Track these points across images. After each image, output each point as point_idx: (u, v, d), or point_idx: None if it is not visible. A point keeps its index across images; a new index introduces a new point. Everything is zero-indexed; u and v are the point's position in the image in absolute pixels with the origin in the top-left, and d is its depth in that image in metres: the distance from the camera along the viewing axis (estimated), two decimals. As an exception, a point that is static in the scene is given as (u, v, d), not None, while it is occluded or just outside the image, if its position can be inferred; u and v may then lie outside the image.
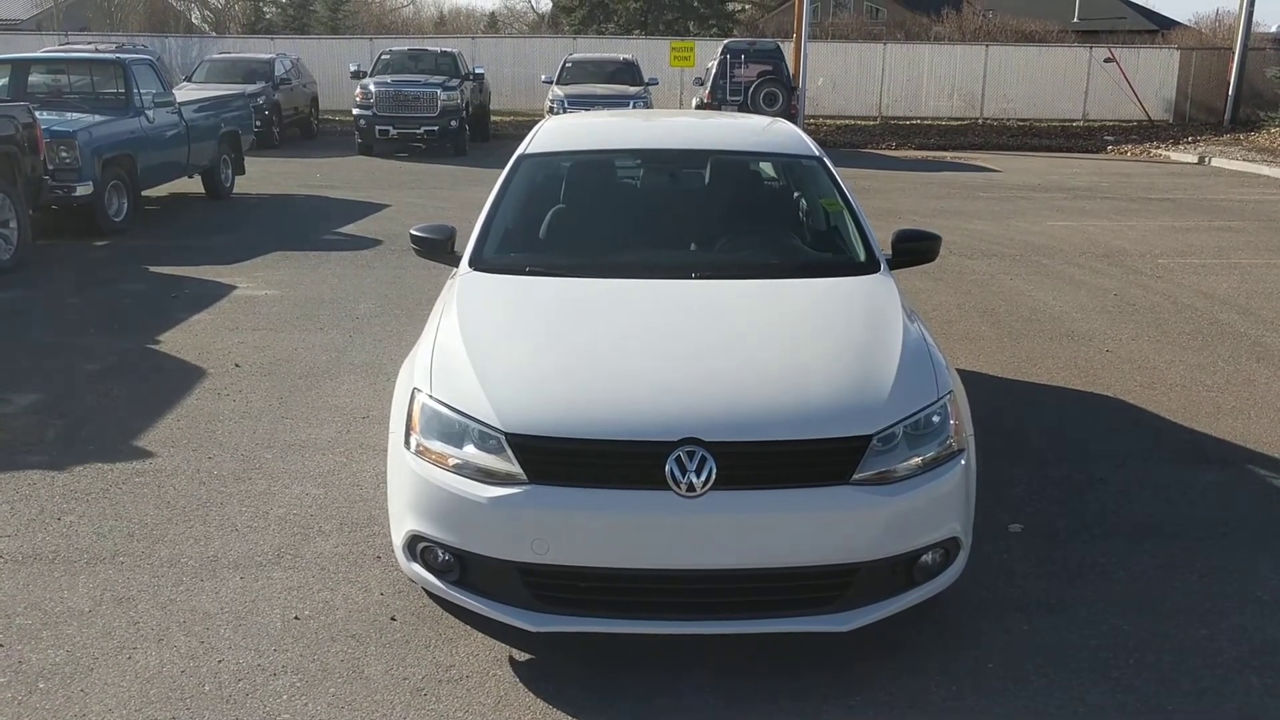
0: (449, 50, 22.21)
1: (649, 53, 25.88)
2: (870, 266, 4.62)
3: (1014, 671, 3.60)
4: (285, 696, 3.43)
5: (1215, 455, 5.56)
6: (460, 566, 3.47)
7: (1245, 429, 5.91)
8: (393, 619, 3.88)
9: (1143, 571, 4.30)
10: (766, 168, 5.79)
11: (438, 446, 3.49)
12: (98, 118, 11.17)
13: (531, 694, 3.45)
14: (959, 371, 4.21)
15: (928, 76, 27.87)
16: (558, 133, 5.63)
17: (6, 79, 11.98)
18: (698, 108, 21.51)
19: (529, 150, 5.26)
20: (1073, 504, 4.92)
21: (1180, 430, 5.92)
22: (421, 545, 3.52)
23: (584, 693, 3.45)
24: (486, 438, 3.40)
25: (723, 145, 5.64)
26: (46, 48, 21.04)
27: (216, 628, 3.81)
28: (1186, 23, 46.06)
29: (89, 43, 22.08)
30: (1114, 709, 3.41)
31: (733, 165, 5.56)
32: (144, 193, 12.22)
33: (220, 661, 3.61)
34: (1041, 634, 3.83)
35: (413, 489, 3.51)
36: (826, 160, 5.26)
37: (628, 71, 21.53)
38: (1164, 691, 3.50)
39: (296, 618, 3.88)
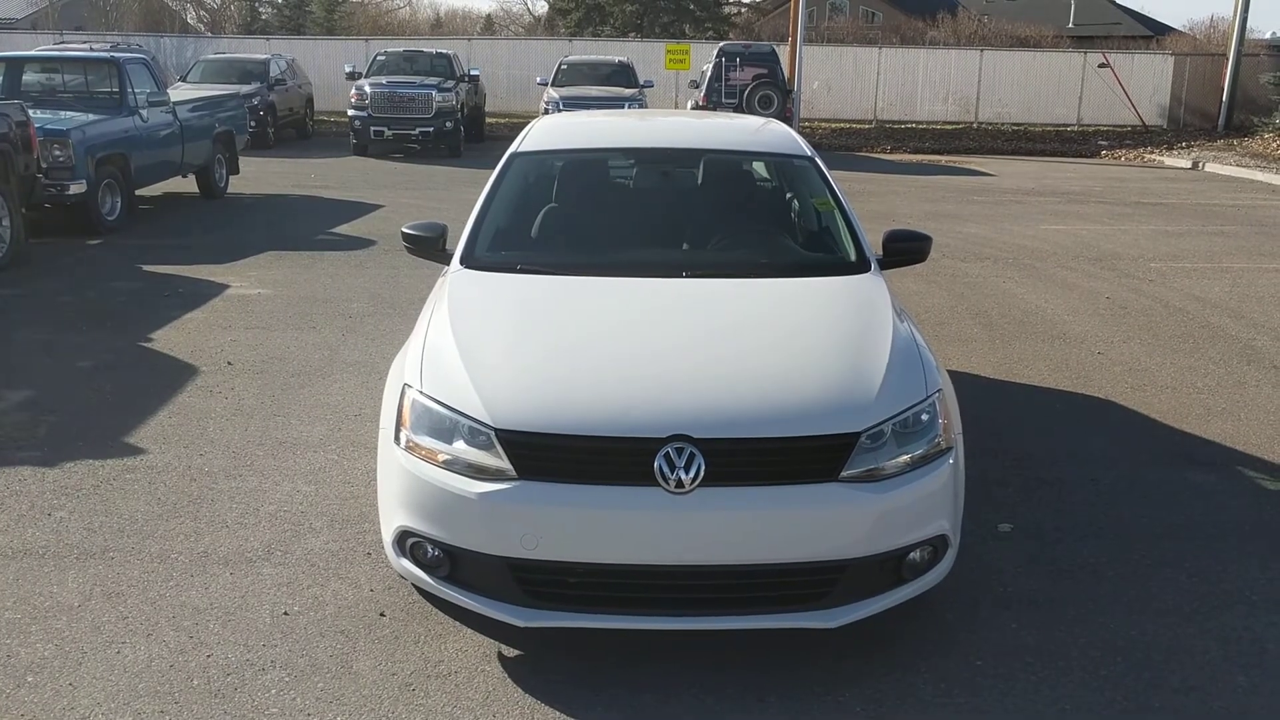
0: (444, 52, 22.22)
1: (644, 55, 25.90)
2: (861, 266, 4.63)
3: (1003, 669, 3.61)
4: (274, 691, 3.43)
5: (1205, 457, 5.58)
6: (450, 562, 3.48)
7: (1235, 431, 5.93)
8: (382, 615, 3.88)
9: (1132, 571, 4.31)
10: (759, 167, 5.81)
11: (428, 442, 3.50)
12: (92, 117, 11.15)
13: (520, 689, 3.46)
14: (950, 372, 4.21)
15: (923, 80, 27.92)
16: (550, 131, 5.64)
17: (1, 77, 11.96)
18: (693, 110, 21.53)
19: (521, 149, 5.26)
20: (1062, 504, 4.93)
21: (1171, 432, 5.94)
22: (411, 541, 3.53)
23: (573, 688, 3.46)
24: (476, 433, 3.41)
25: (715, 145, 5.65)
26: (41, 46, 21.02)
27: (206, 623, 3.81)
28: (1181, 28, 46.25)
29: (84, 42, 22.03)
30: (1102, 706, 3.42)
31: (725, 164, 5.57)
32: (138, 192, 12.21)
33: (209, 656, 3.61)
34: (1030, 632, 3.84)
35: (403, 485, 3.51)
36: (818, 160, 5.27)
37: (623, 74, 21.54)
38: (1152, 689, 3.51)
39: (286, 613, 3.89)
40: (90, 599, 3.95)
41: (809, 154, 5.31)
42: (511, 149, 5.27)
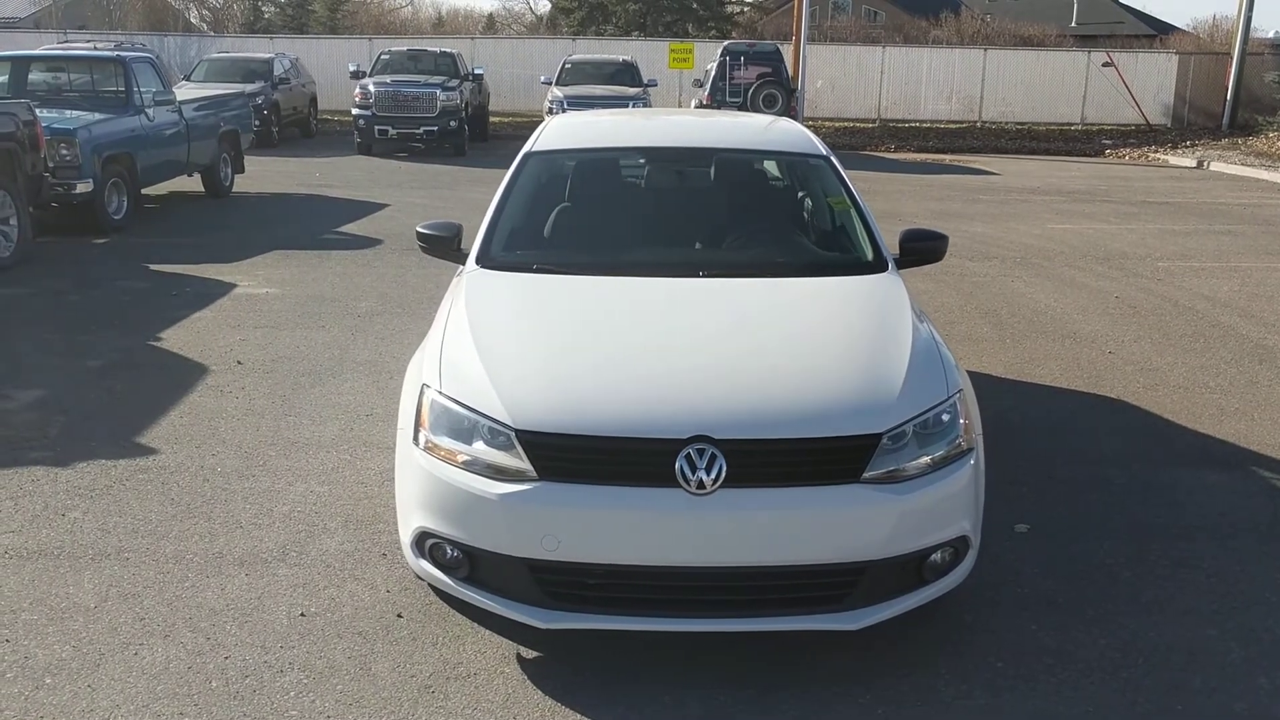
0: (448, 51, 22.18)
1: (648, 54, 25.88)
2: (878, 265, 4.62)
3: (1023, 670, 3.59)
4: (293, 693, 3.42)
5: (1220, 457, 5.56)
6: (469, 563, 3.46)
7: (1249, 431, 5.92)
8: (399, 616, 3.87)
9: (1149, 572, 4.30)
10: (772, 166, 5.79)
11: (447, 443, 3.48)
12: (98, 115, 11.14)
13: (540, 691, 3.44)
14: (965, 371, 4.20)
15: (926, 79, 27.89)
16: (564, 130, 5.62)
17: (7, 76, 11.95)
18: (697, 109, 21.50)
19: (535, 148, 5.24)
20: (1078, 505, 4.92)
21: (1184, 432, 5.92)
22: (430, 542, 3.51)
23: (593, 690, 3.45)
24: (496, 434, 3.39)
25: (729, 144, 5.63)
26: (45, 46, 21.00)
27: (223, 624, 3.80)
28: (1184, 27, 46.18)
29: (88, 41, 22.02)
30: (1123, 708, 3.41)
31: (739, 163, 5.55)
32: (144, 191, 12.21)
33: (227, 658, 3.60)
34: (1050, 633, 3.82)
35: (422, 485, 3.49)
36: (834, 159, 5.25)
37: (627, 73, 21.54)
38: (1173, 691, 3.50)
39: (303, 615, 3.87)
40: (106, 600, 3.94)
41: (824, 152, 5.29)
42: (526, 148, 5.25)
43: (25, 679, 3.46)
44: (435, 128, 19.33)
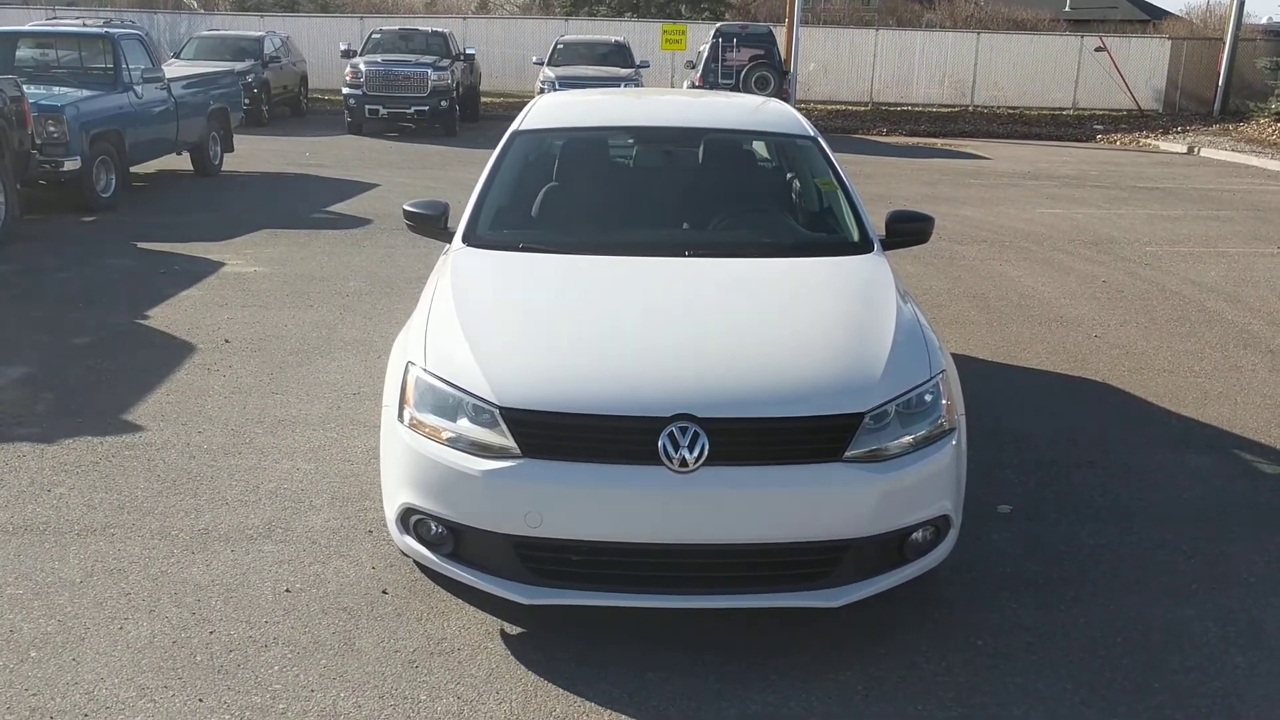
0: (440, 30, 22.09)
1: (640, 35, 25.79)
2: (864, 246, 4.63)
3: (1003, 649, 3.63)
4: (277, 668, 3.44)
5: (1202, 440, 5.60)
6: (454, 540, 3.48)
7: (1232, 414, 5.95)
8: (384, 592, 3.89)
9: (1130, 553, 4.34)
10: (760, 147, 5.79)
11: (431, 420, 3.49)
12: (86, 93, 11.09)
13: (523, 667, 3.47)
14: (950, 353, 4.21)
15: (919, 63, 27.82)
16: (552, 109, 5.62)
17: (-6, 52, 11.87)
18: (688, 90, 21.45)
19: (523, 127, 5.24)
20: (1061, 486, 4.95)
21: (1168, 415, 5.96)
22: (415, 518, 3.53)
23: (575, 666, 3.47)
24: (481, 411, 3.41)
25: (717, 124, 5.63)
26: (34, 22, 20.85)
27: (208, 599, 3.81)
28: (1177, 13, 46.20)
29: (77, 18, 21.83)
30: (1101, 686, 3.44)
31: (727, 144, 5.55)
32: (132, 169, 12.16)
33: (212, 633, 3.61)
34: (1030, 613, 3.86)
35: (406, 462, 3.51)
36: (821, 140, 5.25)
37: (619, 54, 21.46)
38: (1151, 670, 3.54)
39: (288, 590, 3.89)
40: (92, 575, 3.95)
41: (811, 133, 5.30)
42: (513, 127, 5.24)
43: (10, 652, 3.47)
44: (426, 107, 19.25)
